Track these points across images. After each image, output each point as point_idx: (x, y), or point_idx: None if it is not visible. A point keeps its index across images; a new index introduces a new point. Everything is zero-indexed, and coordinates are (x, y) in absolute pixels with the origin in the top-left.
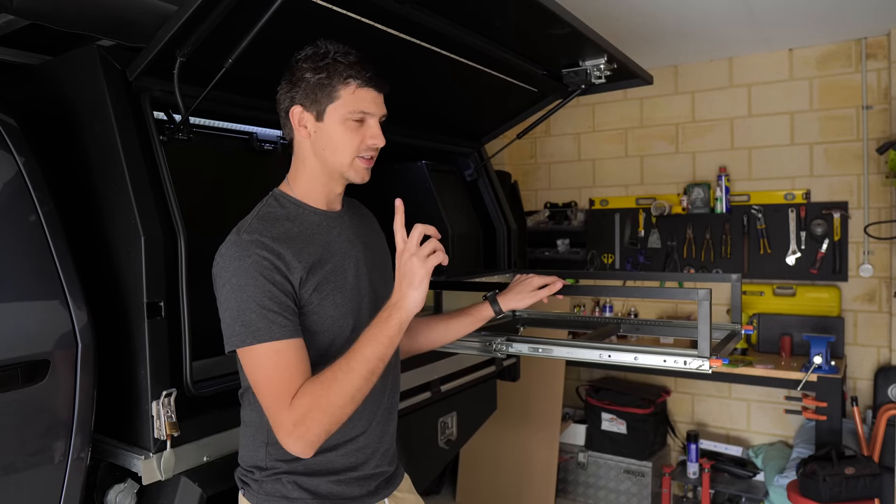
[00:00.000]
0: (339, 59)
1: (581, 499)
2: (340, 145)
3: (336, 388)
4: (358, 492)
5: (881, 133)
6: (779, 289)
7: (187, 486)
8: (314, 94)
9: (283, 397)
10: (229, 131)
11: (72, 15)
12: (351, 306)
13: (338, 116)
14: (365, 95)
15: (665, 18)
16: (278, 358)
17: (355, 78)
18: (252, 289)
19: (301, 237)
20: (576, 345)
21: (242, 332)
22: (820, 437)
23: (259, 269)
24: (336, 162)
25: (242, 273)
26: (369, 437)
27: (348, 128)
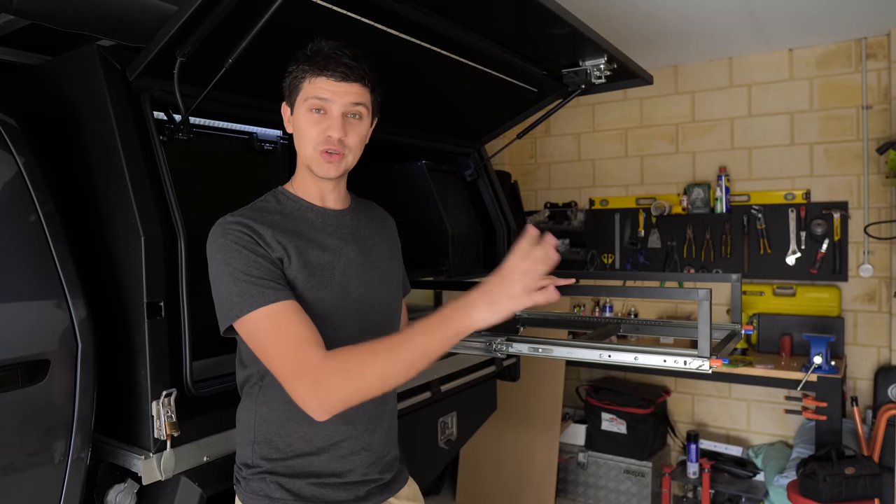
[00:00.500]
0: (312, 53)
1: (581, 499)
2: (303, 136)
3: (370, 362)
4: (344, 496)
5: (881, 133)
6: (779, 289)
7: (187, 486)
8: (289, 89)
9: (301, 352)
10: (229, 131)
11: (72, 15)
12: (334, 303)
13: (302, 108)
14: (321, 84)
15: (665, 18)
16: (278, 319)
17: (312, 66)
18: (238, 261)
19: (289, 229)
20: (576, 345)
21: (238, 302)
22: (820, 437)
23: (241, 242)
24: (303, 154)
25: (226, 248)
26: (355, 444)
27: (309, 119)
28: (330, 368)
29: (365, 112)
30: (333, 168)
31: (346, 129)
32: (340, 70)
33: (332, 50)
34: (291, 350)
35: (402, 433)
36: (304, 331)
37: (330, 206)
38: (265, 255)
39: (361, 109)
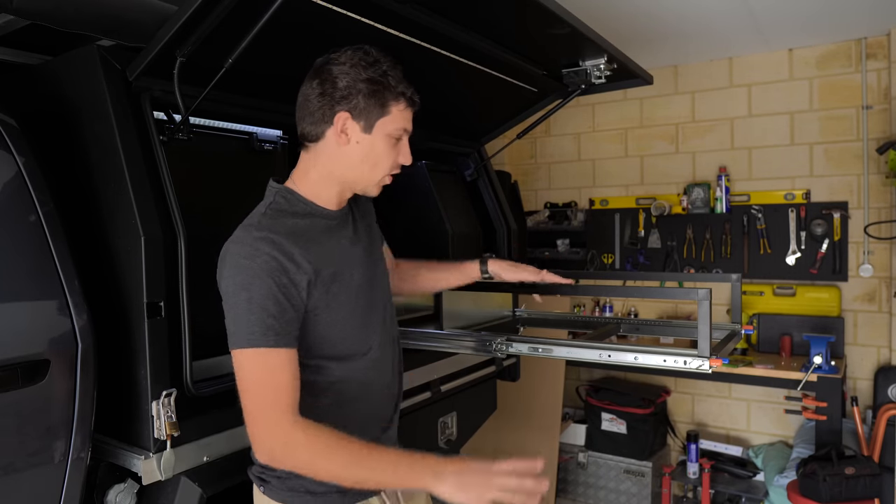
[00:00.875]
0: (390, 72)
1: (581, 499)
2: (381, 160)
3: (331, 459)
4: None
5: (881, 133)
6: (779, 289)
7: (187, 486)
8: (366, 105)
9: (274, 406)
10: (229, 131)
11: (72, 15)
12: (358, 303)
13: (384, 131)
14: (409, 115)
15: (665, 18)
16: (270, 366)
17: (405, 96)
18: (258, 290)
19: (309, 235)
20: (576, 345)
21: (242, 332)
22: (820, 437)
23: (268, 270)
24: (369, 177)
25: (250, 273)
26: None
27: (389, 144)
28: (296, 441)
29: None
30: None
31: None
32: (419, 105)
33: (404, 75)
34: (271, 403)
35: (402, 433)
36: (288, 388)
37: (333, 207)
38: (287, 286)
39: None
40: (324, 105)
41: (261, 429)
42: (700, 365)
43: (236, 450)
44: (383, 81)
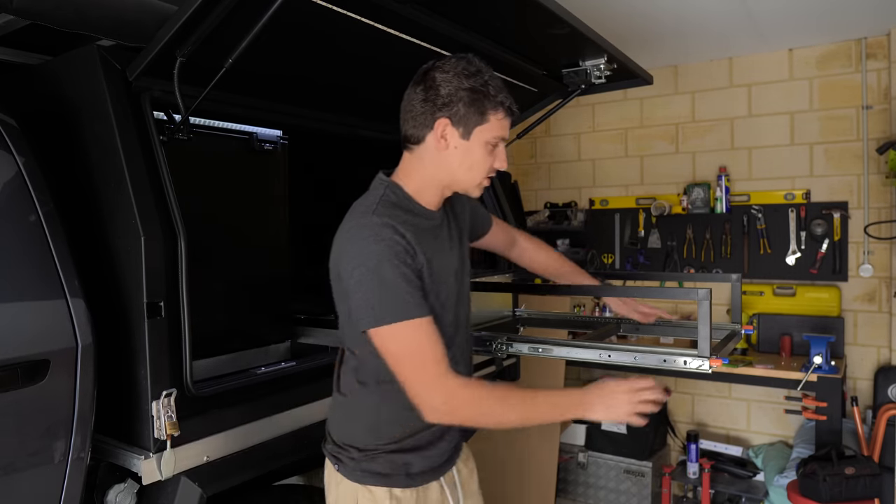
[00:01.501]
0: (490, 82)
1: (581, 499)
2: (477, 166)
3: (497, 406)
4: (437, 462)
5: (881, 133)
6: (779, 289)
7: (187, 486)
8: (465, 113)
9: (436, 367)
10: (229, 131)
11: (72, 15)
12: (451, 302)
13: (482, 139)
14: (506, 124)
15: (665, 19)
16: (418, 335)
17: (504, 106)
18: (389, 269)
19: (418, 230)
20: (576, 345)
21: (382, 310)
22: (820, 437)
23: (394, 251)
24: (467, 180)
25: (378, 255)
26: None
27: (486, 151)
28: (462, 396)
29: None
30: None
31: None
32: (515, 108)
33: (501, 81)
34: (429, 367)
35: None
36: (439, 350)
37: (434, 208)
38: (411, 265)
39: None
40: (426, 111)
41: (423, 389)
42: (700, 365)
43: (236, 450)
44: (483, 91)
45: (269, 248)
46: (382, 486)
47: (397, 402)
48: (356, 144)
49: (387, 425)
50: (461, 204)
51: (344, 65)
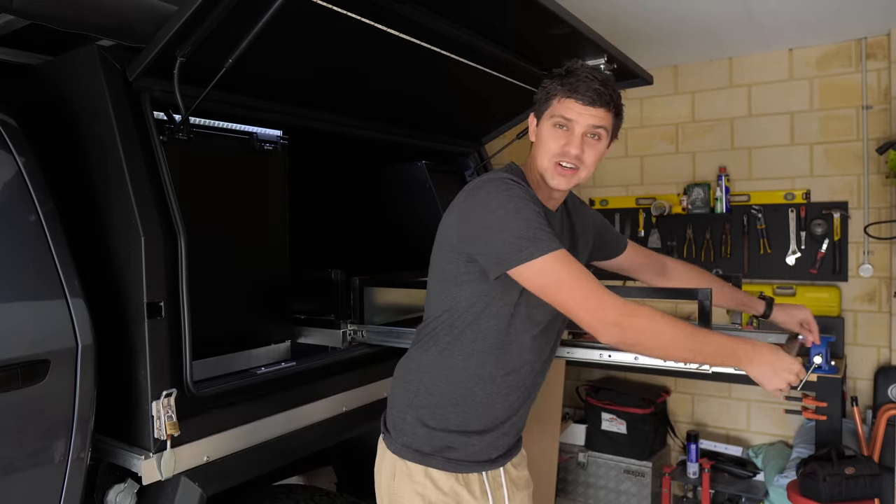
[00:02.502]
0: (566, 72)
1: (581, 499)
2: (544, 147)
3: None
4: (483, 456)
5: (881, 133)
6: (779, 289)
7: (187, 486)
8: (539, 104)
9: (592, 288)
10: (229, 131)
11: (72, 15)
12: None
13: (546, 121)
14: (569, 104)
15: (665, 19)
16: (569, 262)
17: (565, 87)
18: (526, 210)
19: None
20: (576, 344)
21: (530, 246)
22: (820, 437)
23: (527, 196)
24: (539, 163)
25: (515, 199)
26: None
27: (552, 134)
28: (639, 309)
29: (604, 134)
30: (565, 181)
31: (583, 146)
32: (589, 95)
33: (586, 73)
34: (592, 286)
35: None
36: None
37: (550, 206)
38: (540, 212)
39: (601, 132)
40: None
41: (597, 305)
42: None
43: (236, 450)
44: (555, 81)
45: (269, 248)
46: (419, 463)
47: (459, 368)
48: (356, 144)
49: (441, 393)
50: (587, 219)
51: (344, 65)
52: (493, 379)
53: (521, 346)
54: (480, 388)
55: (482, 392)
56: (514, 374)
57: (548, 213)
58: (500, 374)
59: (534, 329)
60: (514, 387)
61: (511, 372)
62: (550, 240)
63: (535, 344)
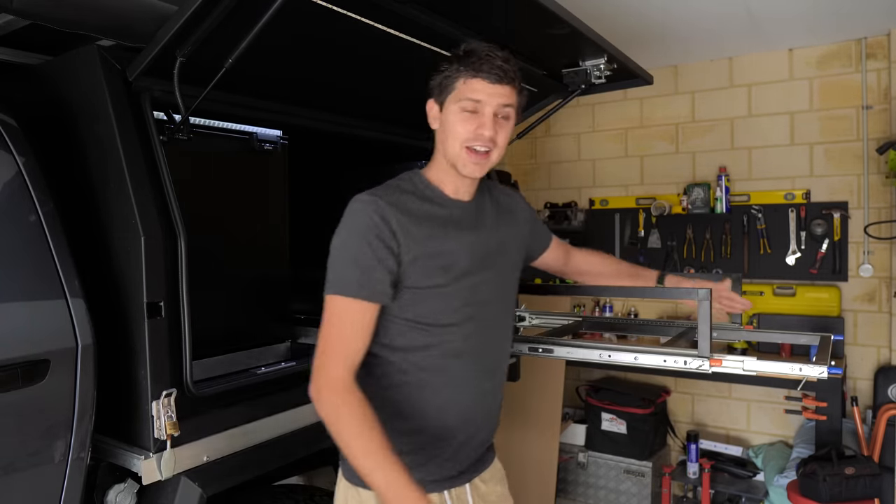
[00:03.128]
0: (465, 53)
1: (581, 499)
2: (452, 133)
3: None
4: (442, 474)
5: (881, 133)
6: (779, 289)
7: (187, 486)
8: (440, 87)
9: (340, 356)
10: (229, 131)
11: (72, 15)
12: (455, 288)
13: (452, 106)
14: (476, 85)
15: (665, 18)
16: (352, 314)
17: (468, 68)
18: (350, 245)
19: (420, 214)
20: (576, 345)
21: (336, 281)
22: (820, 437)
23: (369, 227)
24: (449, 152)
25: (349, 230)
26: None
27: (460, 117)
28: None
29: (513, 113)
30: (479, 168)
31: (496, 128)
32: (495, 72)
33: (486, 51)
34: (330, 348)
35: None
36: (350, 340)
37: (461, 198)
38: (380, 248)
39: (510, 111)
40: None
41: (315, 366)
42: (700, 365)
43: (236, 450)
44: (453, 62)
45: (269, 248)
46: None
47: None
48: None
49: (383, 410)
50: (518, 209)
51: (344, 65)
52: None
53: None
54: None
55: (431, 399)
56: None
57: (450, 203)
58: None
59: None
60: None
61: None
62: (350, 283)
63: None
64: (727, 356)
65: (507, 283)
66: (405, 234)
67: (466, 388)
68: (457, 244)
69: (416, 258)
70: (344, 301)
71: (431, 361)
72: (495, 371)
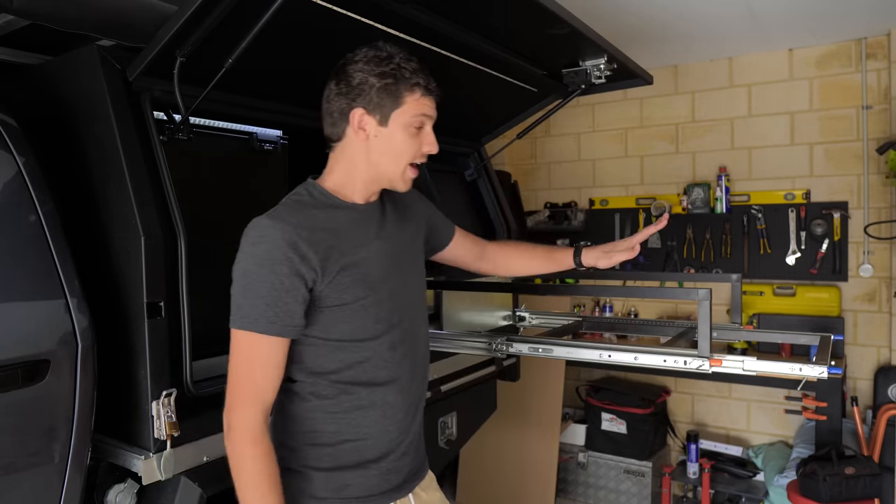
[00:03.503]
0: (403, 64)
1: (581, 499)
2: (400, 151)
3: (240, 466)
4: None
5: (881, 133)
6: (779, 289)
7: (187, 486)
8: (379, 99)
9: (249, 395)
10: (229, 131)
11: (72, 15)
12: (375, 298)
13: (401, 122)
14: (427, 101)
15: (665, 18)
16: (257, 351)
17: (421, 85)
18: (257, 275)
19: (325, 226)
20: (576, 345)
21: (239, 313)
22: (820, 437)
23: (269, 257)
24: (392, 170)
25: (254, 258)
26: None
27: (409, 134)
28: (236, 432)
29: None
30: (411, 182)
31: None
32: (434, 87)
33: (417, 63)
34: (238, 385)
35: None
36: (265, 377)
37: (360, 201)
38: (286, 275)
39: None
40: (341, 104)
41: (227, 404)
42: (700, 365)
43: None
44: (395, 74)
45: None
46: None
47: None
48: None
49: (324, 431)
50: (414, 203)
51: None
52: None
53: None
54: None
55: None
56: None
57: (353, 206)
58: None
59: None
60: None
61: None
62: (257, 318)
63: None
64: (727, 356)
65: (420, 282)
66: (316, 252)
67: (403, 396)
68: (369, 252)
69: (331, 276)
70: (251, 337)
71: (365, 376)
72: (424, 373)
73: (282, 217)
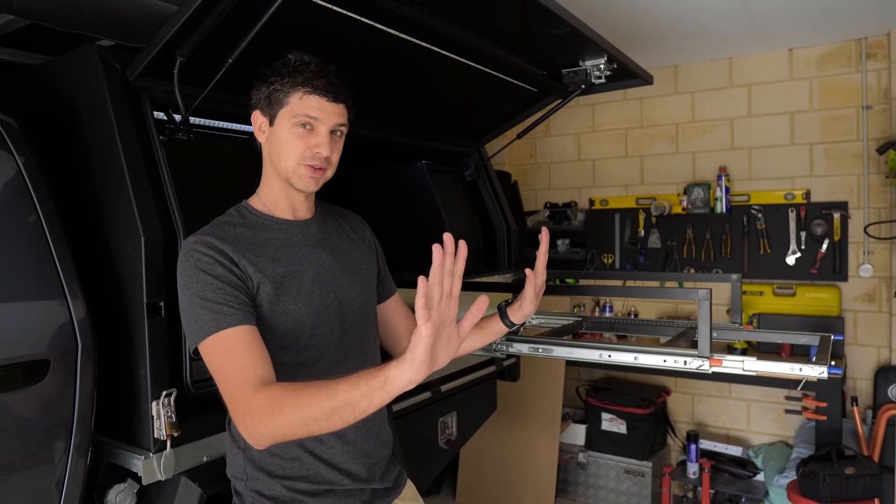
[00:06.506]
0: (296, 67)
1: (581, 499)
2: (286, 150)
3: (293, 403)
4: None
5: (881, 133)
6: (779, 289)
7: (187, 486)
8: (269, 100)
9: (237, 383)
10: (229, 131)
11: (72, 15)
12: (307, 312)
13: (286, 122)
14: (312, 102)
15: (665, 18)
16: (225, 346)
17: (304, 85)
18: (195, 285)
19: (254, 242)
20: (576, 345)
21: (195, 328)
22: (820, 437)
23: (198, 265)
24: (282, 167)
25: (187, 273)
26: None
27: (295, 133)
28: (256, 405)
29: (345, 130)
30: (315, 182)
31: (331, 146)
32: (332, 91)
33: (320, 67)
34: (231, 380)
35: (402, 433)
36: (245, 360)
37: (300, 216)
38: (223, 274)
39: (343, 129)
40: (250, 111)
41: (231, 408)
42: (700, 365)
43: None
44: (285, 76)
45: None
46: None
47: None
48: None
49: (277, 456)
50: (367, 236)
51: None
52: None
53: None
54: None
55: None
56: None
57: (280, 225)
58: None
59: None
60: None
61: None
62: (210, 321)
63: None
64: (727, 356)
65: (365, 300)
66: (241, 258)
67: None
68: (300, 266)
69: (258, 284)
70: (212, 341)
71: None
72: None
73: (205, 233)
